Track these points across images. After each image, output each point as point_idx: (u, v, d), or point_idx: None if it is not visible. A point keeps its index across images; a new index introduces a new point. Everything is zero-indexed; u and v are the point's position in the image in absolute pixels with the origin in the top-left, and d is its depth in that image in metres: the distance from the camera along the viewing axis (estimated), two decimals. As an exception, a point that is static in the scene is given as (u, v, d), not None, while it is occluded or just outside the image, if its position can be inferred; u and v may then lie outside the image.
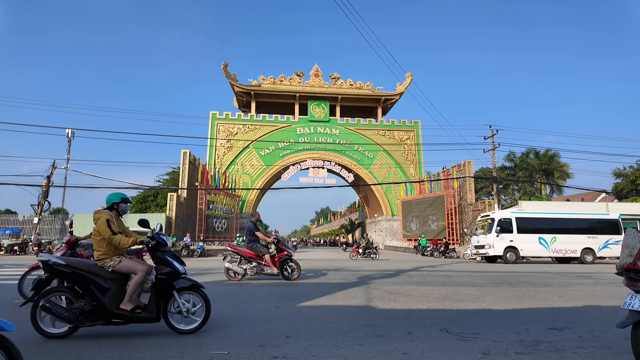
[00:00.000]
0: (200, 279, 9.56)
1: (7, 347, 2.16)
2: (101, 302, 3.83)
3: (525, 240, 18.55)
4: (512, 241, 18.46)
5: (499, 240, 18.45)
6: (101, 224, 4.08)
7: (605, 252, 19.20)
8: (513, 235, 18.51)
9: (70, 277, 3.90)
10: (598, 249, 18.94)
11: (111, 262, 4.02)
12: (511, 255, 18.24)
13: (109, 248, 4.07)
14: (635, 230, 3.11)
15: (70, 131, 27.03)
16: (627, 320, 2.90)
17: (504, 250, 18.19)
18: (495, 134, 27.59)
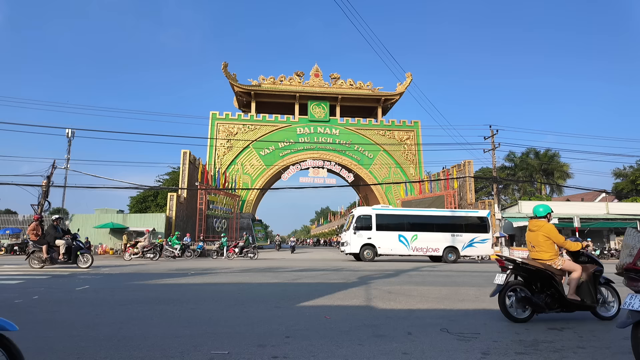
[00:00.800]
0: (200, 279, 9.57)
1: (8, 346, 2.17)
2: (561, 293, 4.96)
3: (384, 237, 17.99)
4: (370, 238, 17.90)
5: (356, 237, 17.88)
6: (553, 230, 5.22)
7: (470, 251, 18.65)
8: (371, 233, 17.93)
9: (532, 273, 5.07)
10: (462, 248, 18.35)
11: (559, 261, 5.18)
12: (368, 253, 17.67)
13: (556, 250, 5.25)
14: (634, 230, 3.11)
15: (70, 131, 27.02)
16: (627, 320, 2.90)
17: (360, 247, 17.60)
18: (495, 134, 27.62)
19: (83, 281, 8.97)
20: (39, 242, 12.01)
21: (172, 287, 8.00)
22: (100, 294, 7.04)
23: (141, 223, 27.12)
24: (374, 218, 18.32)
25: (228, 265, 14.98)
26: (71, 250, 12.06)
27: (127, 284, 8.70)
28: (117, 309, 5.53)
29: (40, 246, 11.92)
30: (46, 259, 11.89)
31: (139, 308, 5.56)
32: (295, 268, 13.20)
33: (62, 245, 12.00)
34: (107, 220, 26.60)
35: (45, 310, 5.30)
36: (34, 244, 12.10)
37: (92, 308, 5.56)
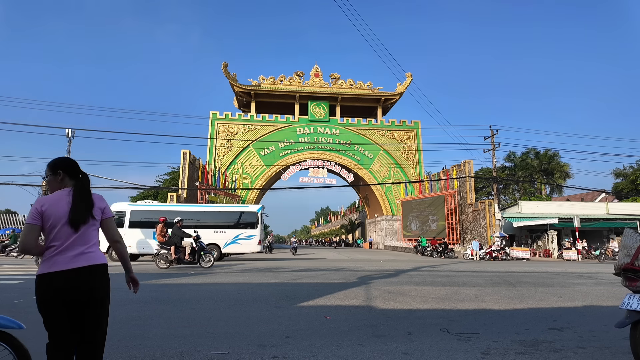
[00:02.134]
0: (200, 279, 9.58)
1: (16, 345, 2.19)
2: None
3: (137, 235, 16.99)
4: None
5: None
6: None
7: (234, 248, 17.62)
8: (123, 230, 16.70)
9: None
10: (225, 245, 17.42)
11: None
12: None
13: None
14: (633, 231, 3.12)
15: (70, 131, 27.01)
16: (625, 320, 2.90)
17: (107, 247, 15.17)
18: (495, 134, 27.61)
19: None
20: (167, 243, 12.41)
21: (172, 287, 8.00)
22: (100, 294, 7.03)
23: (141, 223, 27.09)
24: (128, 214, 17.30)
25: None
26: (195, 251, 12.48)
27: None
28: (117, 309, 5.53)
29: (169, 247, 12.32)
30: (174, 259, 12.26)
31: (139, 308, 5.57)
32: (295, 268, 13.20)
33: (188, 246, 12.40)
34: (107, 220, 26.56)
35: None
36: (162, 245, 12.48)
37: (92, 308, 5.55)
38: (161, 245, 12.55)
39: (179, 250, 12.32)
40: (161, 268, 12.26)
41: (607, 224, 28.10)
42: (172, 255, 12.19)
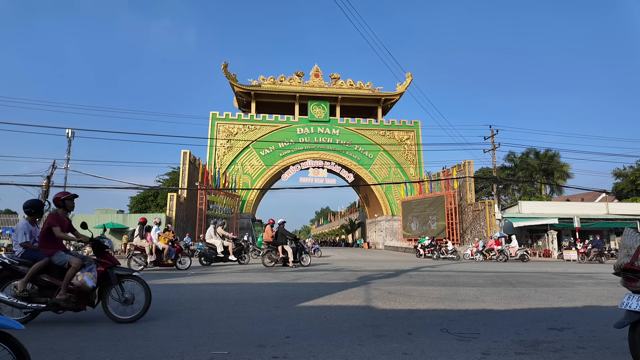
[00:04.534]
0: (200, 279, 9.58)
1: (15, 345, 2.20)
2: None
3: None
4: None
5: None
6: None
7: None
8: None
9: None
10: None
11: None
12: None
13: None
14: (633, 231, 3.11)
15: (70, 131, 27.00)
16: (624, 321, 2.90)
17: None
18: (495, 134, 27.62)
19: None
20: (274, 244, 13.53)
21: (172, 287, 8.00)
22: (100, 294, 7.03)
23: (141, 223, 27.10)
24: None
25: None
26: (297, 252, 13.45)
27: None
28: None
29: (275, 247, 13.36)
30: (280, 259, 13.26)
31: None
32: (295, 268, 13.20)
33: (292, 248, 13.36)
34: (107, 220, 26.60)
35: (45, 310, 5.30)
36: (269, 245, 13.64)
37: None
38: (268, 244, 13.72)
39: (285, 251, 13.24)
40: (268, 266, 13.29)
41: (607, 224, 28.11)
42: (280, 255, 13.19)
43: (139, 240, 12.11)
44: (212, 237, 13.95)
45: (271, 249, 13.54)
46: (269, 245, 13.71)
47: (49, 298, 4.46)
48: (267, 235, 14.09)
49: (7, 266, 4.56)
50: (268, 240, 13.98)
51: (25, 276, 4.42)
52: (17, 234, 4.89)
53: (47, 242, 4.68)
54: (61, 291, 4.42)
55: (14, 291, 4.38)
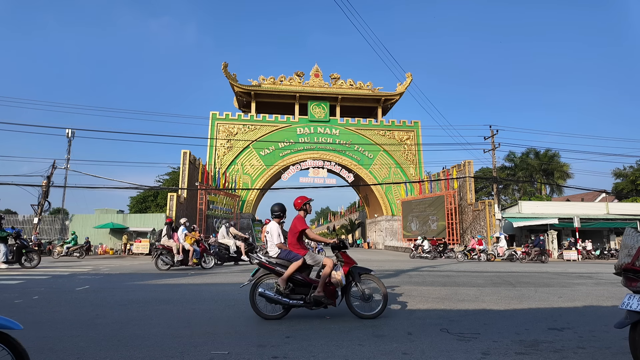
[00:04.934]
0: (200, 279, 9.58)
1: (14, 345, 2.20)
2: None
3: None
4: None
5: None
6: None
7: None
8: None
9: None
10: None
11: None
12: None
13: None
14: (634, 230, 3.11)
15: (70, 131, 27.06)
16: (625, 321, 2.90)
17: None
18: (495, 134, 27.64)
19: (83, 281, 8.98)
20: None
21: (172, 287, 8.00)
22: (100, 294, 7.04)
23: (141, 223, 27.13)
24: None
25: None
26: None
27: (127, 284, 8.71)
28: (117, 309, 5.54)
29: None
30: None
31: (139, 308, 5.57)
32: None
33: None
34: (107, 221, 26.62)
35: (46, 311, 5.31)
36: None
37: (92, 308, 5.56)
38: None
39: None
40: None
41: (607, 224, 28.12)
42: None
43: (166, 240, 12.28)
44: (225, 237, 14.12)
45: None
46: None
47: (304, 295, 4.86)
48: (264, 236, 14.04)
49: (265, 265, 4.99)
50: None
51: (284, 274, 4.82)
52: (272, 235, 5.40)
53: (300, 243, 5.15)
54: (318, 288, 4.75)
55: (277, 288, 4.80)
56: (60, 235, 26.49)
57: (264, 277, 5.00)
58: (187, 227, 12.52)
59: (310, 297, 4.77)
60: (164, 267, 12.07)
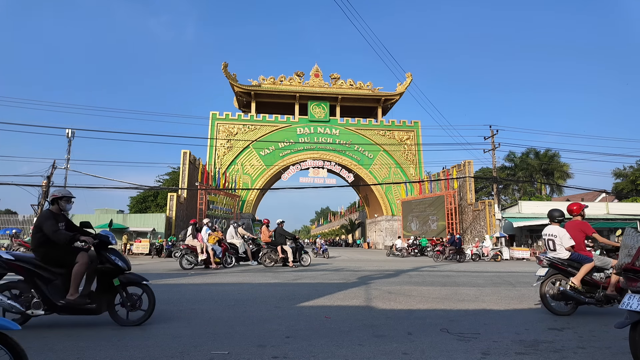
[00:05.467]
0: (200, 279, 9.58)
1: (12, 345, 2.19)
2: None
3: None
4: None
5: None
6: None
7: None
8: None
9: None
10: None
11: None
12: None
13: None
14: (634, 231, 3.11)
15: (70, 131, 27.01)
16: (625, 321, 2.90)
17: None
18: (495, 134, 27.62)
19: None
20: (273, 244, 13.66)
21: (172, 287, 8.00)
22: (100, 294, 7.03)
23: (141, 223, 27.13)
24: None
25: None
26: (296, 252, 13.61)
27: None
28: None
29: (274, 247, 13.49)
30: (280, 259, 13.38)
31: (139, 308, 5.56)
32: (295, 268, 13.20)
33: (291, 247, 13.56)
34: (107, 221, 26.59)
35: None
36: (268, 245, 13.75)
37: (92, 308, 5.54)
38: (267, 245, 13.73)
39: (285, 251, 13.30)
40: (267, 266, 13.35)
41: (607, 224, 28.10)
42: (279, 255, 13.27)
43: (190, 240, 12.68)
44: (234, 238, 14.29)
45: (270, 249, 13.59)
46: (268, 245, 13.74)
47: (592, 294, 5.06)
48: (265, 236, 14.13)
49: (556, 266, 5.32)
50: (266, 240, 14.00)
51: (578, 274, 5.09)
52: (561, 238, 5.46)
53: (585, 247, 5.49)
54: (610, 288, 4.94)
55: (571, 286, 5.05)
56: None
57: (552, 276, 5.32)
58: (209, 227, 12.88)
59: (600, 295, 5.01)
60: (188, 266, 12.38)
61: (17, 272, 4.19)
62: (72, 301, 4.21)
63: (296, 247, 13.58)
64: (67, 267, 4.33)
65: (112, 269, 4.44)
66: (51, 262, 4.31)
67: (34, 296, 4.19)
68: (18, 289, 4.23)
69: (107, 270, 4.44)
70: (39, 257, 4.30)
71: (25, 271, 4.17)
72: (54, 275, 4.28)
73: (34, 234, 4.37)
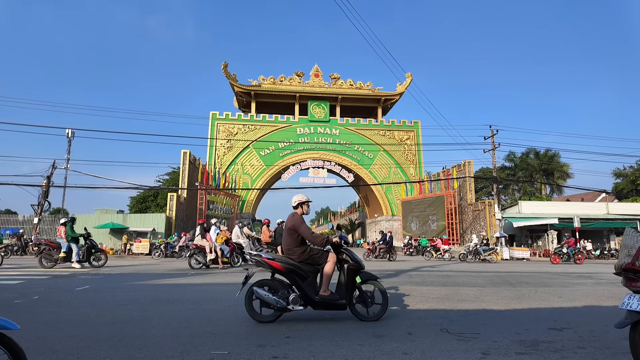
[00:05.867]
0: (200, 279, 9.58)
1: (11, 345, 2.20)
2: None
3: None
4: None
5: None
6: None
7: None
8: None
9: None
10: None
11: None
12: None
13: None
14: (633, 230, 3.11)
15: (70, 131, 27.04)
16: (625, 321, 2.90)
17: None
18: (495, 134, 27.63)
19: (83, 281, 8.98)
20: (273, 244, 13.57)
21: (172, 287, 8.00)
22: (100, 294, 7.04)
23: (141, 223, 27.15)
24: None
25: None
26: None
27: (127, 284, 8.71)
28: (117, 309, 5.54)
29: (275, 247, 13.27)
30: None
31: (139, 308, 5.57)
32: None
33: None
34: (107, 221, 26.62)
35: (46, 311, 5.30)
36: (268, 246, 13.71)
37: (92, 308, 5.56)
38: (267, 245, 13.73)
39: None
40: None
41: (607, 224, 28.14)
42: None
43: (199, 240, 12.81)
44: (240, 238, 14.33)
45: (270, 250, 13.58)
46: (268, 245, 13.76)
47: None
48: (265, 236, 14.13)
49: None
50: (266, 240, 14.01)
51: None
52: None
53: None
54: None
55: None
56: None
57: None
58: (217, 227, 13.01)
59: None
60: (197, 265, 12.52)
61: (278, 270, 4.65)
62: (326, 297, 4.63)
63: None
64: (318, 266, 4.79)
65: (357, 267, 4.77)
66: (305, 261, 4.75)
67: (291, 293, 4.62)
68: (267, 286, 4.70)
69: (353, 268, 4.75)
70: (294, 256, 4.76)
71: (287, 270, 4.64)
72: (307, 273, 4.71)
73: (289, 236, 4.83)
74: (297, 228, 4.76)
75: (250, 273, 4.78)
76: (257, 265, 4.77)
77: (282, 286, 4.70)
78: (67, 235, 12.60)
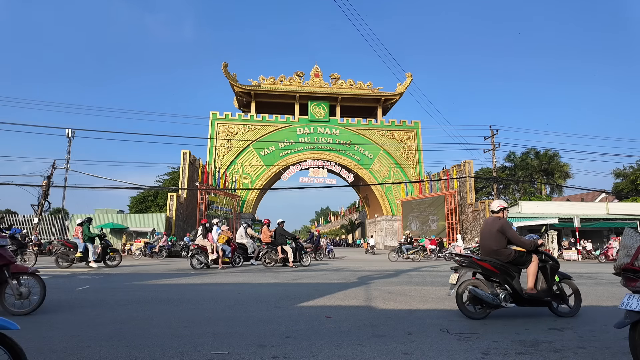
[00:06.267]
0: (200, 279, 9.58)
1: (11, 345, 2.20)
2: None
3: None
4: None
5: None
6: None
7: None
8: None
9: None
10: None
11: None
12: None
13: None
14: (633, 231, 3.11)
15: (70, 131, 27.06)
16: (624, 321, 2.90)
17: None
18: (495, 134, 27.64)
19: (83, 281, 8.98)
20: (273, 244, 13.68)
21: (172, 287, 8.00)
22: (100, 294, 7.05)
23: (141, 223, 27.13)
24: None
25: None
26: (296, 252, 13.68)
27: (127, 284, 8.71)
28: (117, 309, 5.54)
29: (275, 247, 13.55)
30: (280, 259, 13.42)
31: (139, 308, 5.57)
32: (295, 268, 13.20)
33: (291, 248, 13.63)
34: (107, 221, 26.61)
35: (46, 311, 5.31)
36: (268, 245, 13.78)
37: (92, 308, 5.56)
38: (267, 245, 13.77)
39: (285, 251, 13.34)
40: (267, 266, 13.33)
41: (607, 224, 28.11)
42: (279, 255, 13.31)
43: (201, 240, 12.85)
44: (244, 238, 14.47)
45: (270, 249, 13.65)
46: (268, 245, 13.80)
47: None
48: (265, 236, 14.18)
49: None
50: (266, 240, 14.06)
51: None
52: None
53: None
54: None
55: None
56: (60, 235, 26.48)
57: None
58: (219, 227, 13.05)
59: None
60: (198, 265, 12.54)
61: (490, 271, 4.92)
62: (534, 295, 4.87)
63: (296, 247, 13.66)
64: (521, 266, 5.03)
65: (558, 266, 5.05)
66: (513, 261, 4.98)
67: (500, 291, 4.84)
68: (477, 286, 4.90)
69: (555, 267, 5.04)
70: (502, 257, 5.00)
71: (499, 270, 4.91)
72: (514, 273, 4.95)
73: (496, 239, 5.04)
74: (506, 231, 5.04)
75: (462, 274, 5.00)
76: (468, 266, 4.99)
77: (488, 286, 4.92)
78: (84, 235, 12.79)
